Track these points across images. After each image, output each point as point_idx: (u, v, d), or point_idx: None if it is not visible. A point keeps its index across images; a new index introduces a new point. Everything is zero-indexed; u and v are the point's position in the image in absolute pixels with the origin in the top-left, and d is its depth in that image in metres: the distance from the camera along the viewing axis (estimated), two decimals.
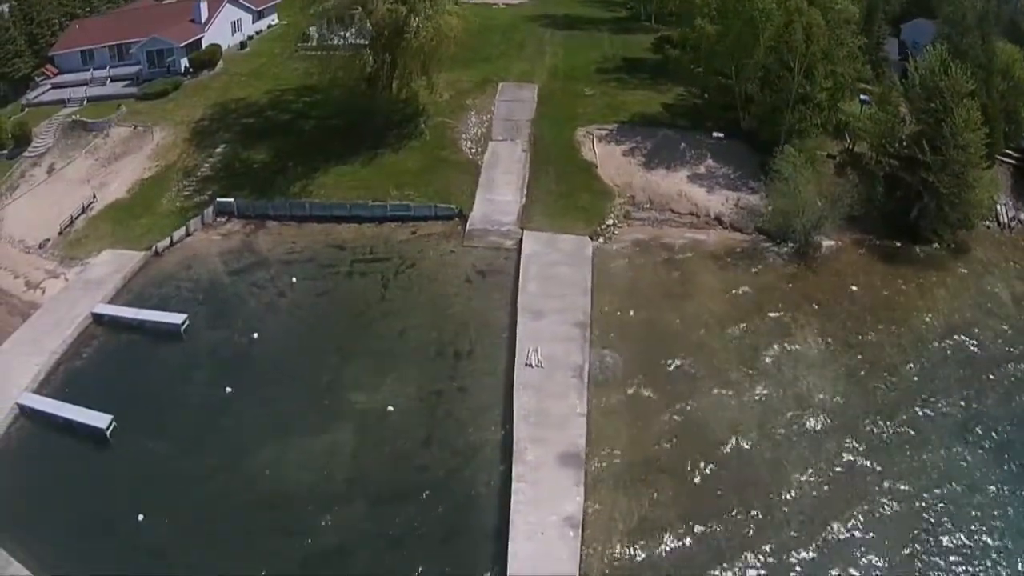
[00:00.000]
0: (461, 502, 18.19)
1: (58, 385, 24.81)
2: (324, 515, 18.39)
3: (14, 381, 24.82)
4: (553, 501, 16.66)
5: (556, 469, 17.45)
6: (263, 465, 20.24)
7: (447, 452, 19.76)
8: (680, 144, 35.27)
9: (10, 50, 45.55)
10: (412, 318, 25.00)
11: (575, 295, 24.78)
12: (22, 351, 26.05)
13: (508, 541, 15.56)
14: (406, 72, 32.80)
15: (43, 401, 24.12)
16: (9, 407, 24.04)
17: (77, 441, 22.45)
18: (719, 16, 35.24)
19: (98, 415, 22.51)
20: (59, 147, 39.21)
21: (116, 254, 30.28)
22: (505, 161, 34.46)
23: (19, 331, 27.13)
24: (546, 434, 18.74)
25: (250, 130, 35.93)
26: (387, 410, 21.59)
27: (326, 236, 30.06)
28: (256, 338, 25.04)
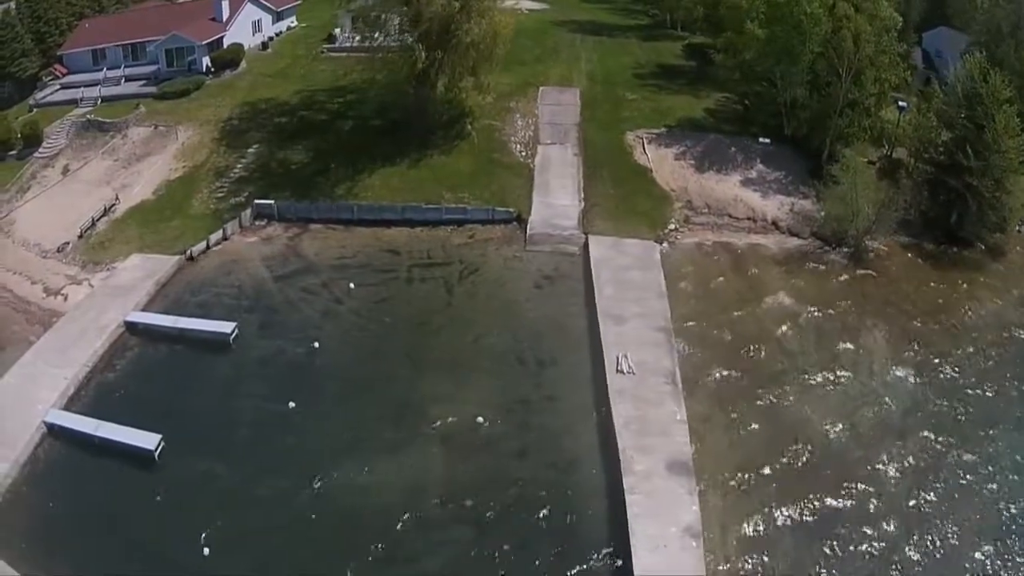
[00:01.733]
0: (571, 518, 16.78)
1: (90, 401, 22.45)
2: (425, 539, 16.74)
3: (39, 397, 22.36)
4: (669, 511, 15.86)
5: (667, 478, 16.63)
6: (343, 486, 18.32)
7: (546, 465, 18.31)
8: (730, 149, 35.07)
9: (17, 49, 43.12)
10: (484, 325, 23.56)
11: (652, 299, 24.08)
12: (47, 363, 23.57)
13: (632, 557, 14.66)
14: (455, 71, 31.44)
15: (75, 419, 21.69)
16: (35, 425, 21.54)
17: (120, 463, 20.07)
18: (766, 21, 35.38)
19: (145, 435, 20.14)
20: (73, 147, 36.90)
21: (146, 258, 28.01)
22: (557, 165, 33.64)
23: (41, 341, 24.65)
24: (650, 442, 17.66)
25: (284, 130, 34.22)
26: (477, 422, 19.84)
27: (377, 240, 28.34)
28: (317, 347, 23.02)
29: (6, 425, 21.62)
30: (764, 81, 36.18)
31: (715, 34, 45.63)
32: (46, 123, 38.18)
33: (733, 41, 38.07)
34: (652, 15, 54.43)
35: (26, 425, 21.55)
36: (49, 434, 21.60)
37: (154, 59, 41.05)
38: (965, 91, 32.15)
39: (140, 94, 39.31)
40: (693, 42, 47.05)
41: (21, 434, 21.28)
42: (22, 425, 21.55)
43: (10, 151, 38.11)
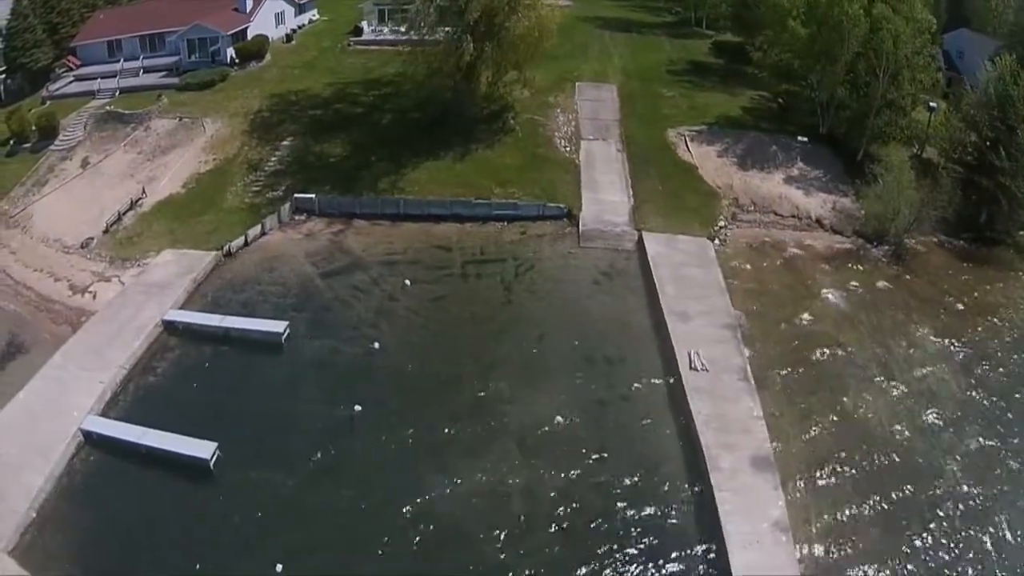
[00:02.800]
0: (660, 518, 16.30)
1: (130, 406, 20.71)
2: (512, 546, 15.70)
3: (73, 402, 20.59)
4: (758, 507, 15.86)
5: (752, 475, 16.55)
6: (419, 494, 17.06)
7: (630, 465, 17.61)
8: (771, 147, 34.69)
9: (29, 39, 41.21)
10: (547, 323, 22.54)
11: (713, 297, 23.65)
12: (79, 366, 21.87)
13: (728, 554, 14.67)
14: (501, 65, 30.42)
15: (116, 426, 19.93)
16: (70, 434, 19.75)
17: (170, 474, 18.34)
18: (808, 21, 35.23)
19: (199, 443, 18.41)
20: (91, 140, 35.10)
21: (179, 254, 26.35)
22: (602, 161, 32.80)
23: (71, 342, 22.93)
24: (732, 439, 17.40)
25: (319, 123, 32.73)
26: (556, 422, 18.78)
27: (426, 236, 27.00)
28: (377, 348, 21.55)
29: (38, 433, 19.86)
30: (803, 80, 36.32)
31: (744, 32, 45.61)
32: (62, 115, 36.58)
33: (773, 40, 38.11)
34: (675, 12, 54.16)
35: (60, 433, 19.76)
36: (86, 443, 19.83)
37: (174, 50, 39.54)
38: (997, 93, 32.11)
39: (160, 85, 37.70)
40: (719, 40, 46.61)
41: (55, 443, 19.50)
42: (56, 433, 19.78)
43: (24, 143, 36.24)
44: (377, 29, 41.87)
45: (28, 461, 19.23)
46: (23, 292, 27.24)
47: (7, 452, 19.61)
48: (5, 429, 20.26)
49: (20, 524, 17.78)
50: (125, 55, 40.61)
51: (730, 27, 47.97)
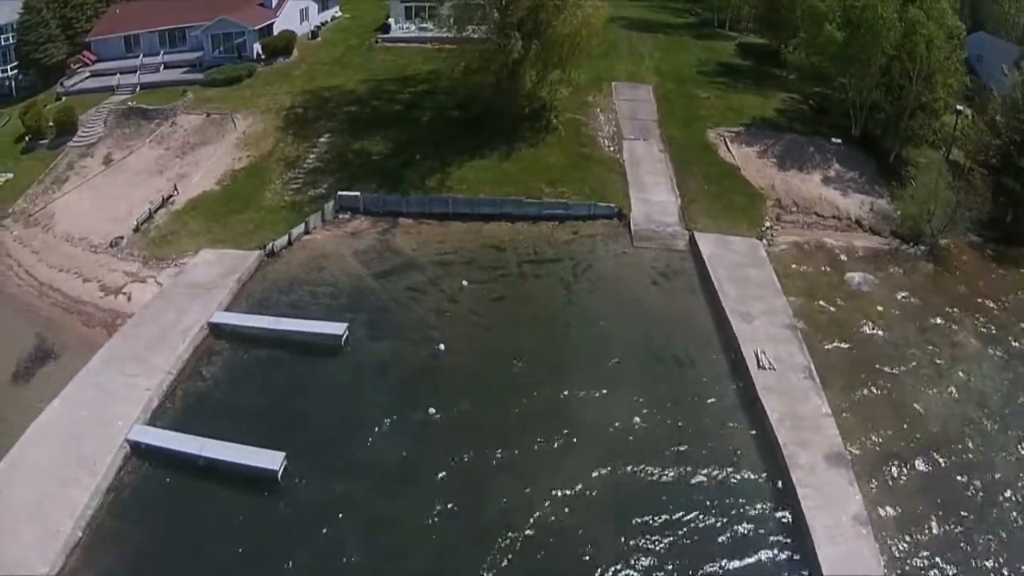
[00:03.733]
0: (745, 514, 16.27)
1: (179, 415, 19.31)
2: (604, 547, 15.25)
3: (117, 411, 19.14)
4: (838, 503, 16.22)
5: (828, 470, 16.90)
6: (500, 499, 16.34)
7: (710, 463, 17.41)
8: (807, 148, 34.53)
9: (43, 34, 39.85)
10: (611, 323, 21.79)
11: (771, 297, 23.51)
12: (120, 371, 20.40)
13: (816, 548, 14.99)
14: (547, 64, 29.66)
15: (166, 436, 18.47)
16: (116, 445, 18.27)
17: (232, 487, 17.01)
18: (844, 24, 35.38)
19: (266, 453, 17.03)
20: (113, 136, 33.67)
21: (219, 254, 25.00)
22: (646, 161, 32.16)
23: (109, 347, 21.46)
24: (806, 436, 17.65)
25: (356, 120, 31.58)
26: (633, 423, 18.22)
27: (476, 235, 26.03)
28: (442, 350, 20.46)
29: (80, 445, 18.39)
30: (836, 83, 36.36)
31: (771, 34, 45.54)
32: (79, 111, 34.91)
33: (809, 43, 38.18)
34: (696, 13, 53.98)
35: (105, 445, 18.31)
36: (133, 454, 18.35)
37: (196, 45, 38.22)
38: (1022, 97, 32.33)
39: (183, 81, 36.38)
40: (744, 41, 46.47)
41: (100, 456, 18.06)
42: (100, 445, 18.32)
43: (41, 140, 34.73)
44: (405, 26, 41.17)
45: (71, 475, 17.76)
46: (49, 293, 25.68)
47: (46, 466, 18.09)
48: (42, 441, 18.78)
49: (66, 544, 16.30)
50: (144, 50, 39.31)
51: (755, 29, 48.09)
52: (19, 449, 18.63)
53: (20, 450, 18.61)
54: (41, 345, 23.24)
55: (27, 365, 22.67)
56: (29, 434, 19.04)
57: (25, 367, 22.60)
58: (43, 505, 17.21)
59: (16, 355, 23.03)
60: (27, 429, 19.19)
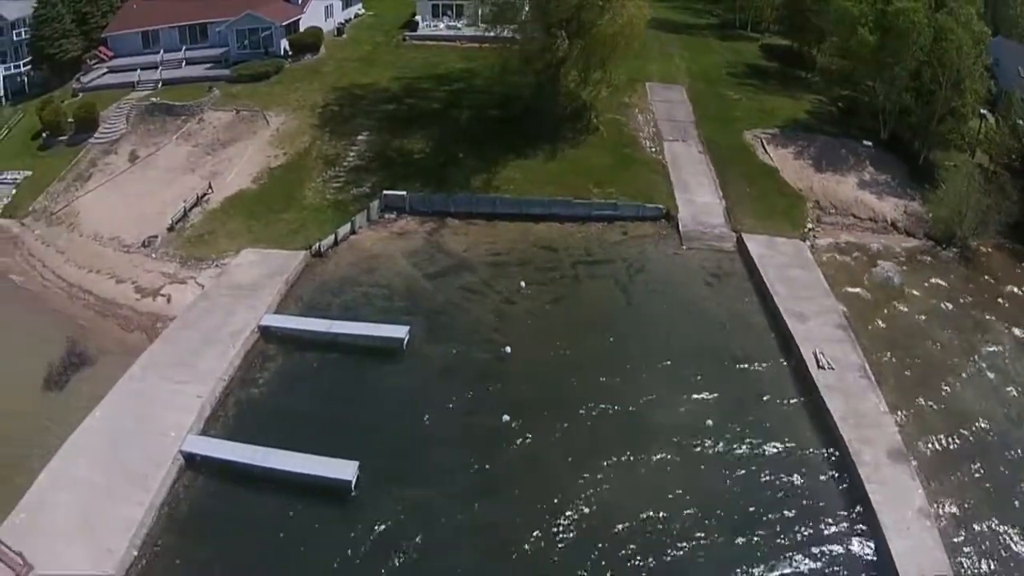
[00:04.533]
0: (817, 509, 16.42)
1: (232, 423, 18.16)
2: (685, 545, 15.25)
3: (168, 420, 17.90)
4: (903, 497, 16.68)
5: (891, 466, 17.37)
6: (585, 508, 15.80)
7: (779, 462, 17.50)
8: (841, 151, 34.32)
9: (58, 29, 38.62)
10: (670, 324, 21.44)
11: (820, 297, 23.51)
12: (166, 378, 19.14)
13: (887, 542, 15.45)
14: (591, 63, 29.03)
15: (224, 447, 17.28)
16: (170, 457, 17.04)
17: (298, 499, 15.85)
18: (875, 29, 35.40)
19: (338, 463, 15.91)
20: (137, 132, 32.32)
21: (262, 254, 23.87)
22: (687, 162, 31.68)
23: (151, 352, 20.19)
24: (868, 433, 18.09)
25: (394, 118, 30.58)
26: (706, 424, 18.01)
27: (526, 236, 25.29)
28: (508, 352, 19.61)
29: (128, 457, 17.13)
30: (869, 85, 36.35)
31: (796, 36, 45.14)
32: (99, 107, 33.79)
33: (841, 46, 38.16)
34: (716, 14, 53.73)
35: (157, 457, 17.07)
36: (188, 466, 17.16)
37: (220, 41, 36.99)
38: None
39: (207, 77, 35.10)
40: (766, 43, 46.19)
41: (153, 469, 16.81)
42: (151, 457, 17.09)
43: (60, 136, 33.40)
44: (432, 24, 40.40)
45: (121, 490, 16.49)
46: (80, 295, 24.38)
47: (92, 480, 16.82)
48: (84, 452, 17.49)
49: (120, 565, 15.04)
50: (164, 46, 38.19)
51: (778, 31, 47.98)
52: (59, 462, 17.32)
53: (60, 463, 17.30)
54: (74, 350, 21.90)
55: (59, 371, 21.29)
56: (69, 445, 17.73)
57: (58, 373, 21.21)
58: (91, 522, 15.93)
59: (46, 360, 21.61)
60: (66, 440, 17.89)
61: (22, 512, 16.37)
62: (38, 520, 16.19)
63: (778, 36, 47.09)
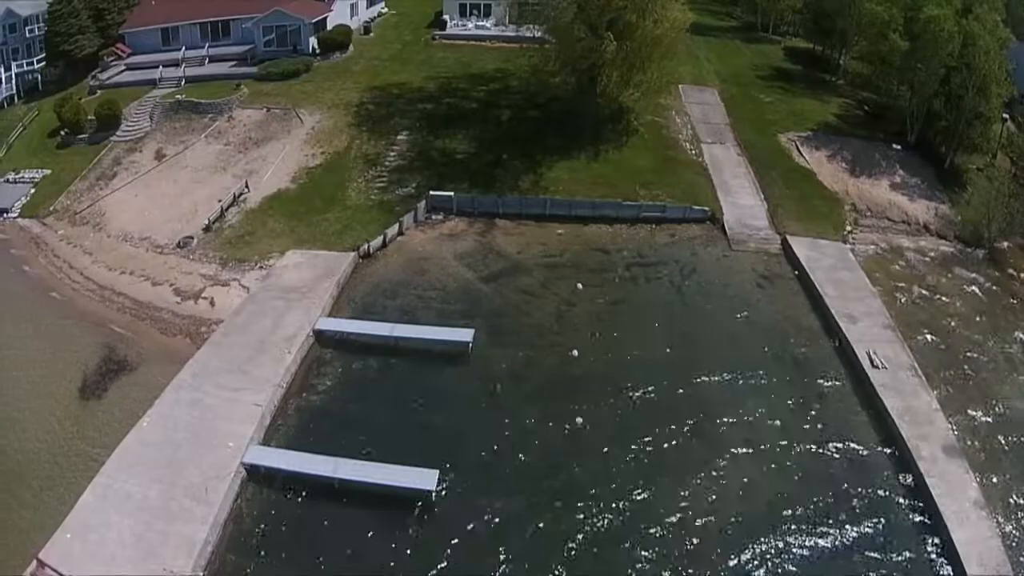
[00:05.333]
0: (883, 502, 16.80)
1: (294, 432, 17.07)
2: (761, 541, 15.35)
3: (226, 430, 16.82)
4: (959, 489, 17.35)
5: (947, 461, 18.01)
6: (667, 514, 15.54)
7: (843, 458, 17.71)
8: (873, 154, 34.40)
9: (73, 25, 37.34)
10: (729, 324, 21.29)
11: (868, 299, 23.77)
12: (218, 385, 18.06)
13: (950, 532, 16.15)
14: (634, 66, 28.38)
15: (291, 458, 16.18)
16: (231, 470, 15.94)
17: (374, 511, 14.93)
18: (906, 34, 35.51)
19: (419, 472, 15.00)
20: (163, 130, 31.23)
21: (309, 255, 22.86)
22: (727, 164, 31.30)
23: (200, 358, 18.98)
24: (923, 431, 18.58)
25: (433, 118, 29.80)
26: (773, 424, 18.03)
27: (577, 237, 24.74)
28: (576, 355, 18.98)
29: (184, 471, 16.04)
30: (897, 89, 36.46)
31: (820, 40, 44.56)
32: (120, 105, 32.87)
33: (871, 51, 38.29)
34: (737, 16, 53.73)
35: (217, 469, 15.98)
36: (250, 479, 16.07)
37: (243, 38, 36.07)
38: None
39: (233, 75, 34.13)
40: (789, 45, 46.20)
41: (212, 482, 15.73)
42: (210, 470, 16.01)
43: (80, 135, 32.21)
44: (461, 23, 39.83)
45: (178, 506, 15.40)
46: (113, 298, 23.13)
47: (145, 496, 15.66)
48: (134, 466, 16.30)
49: None
50: (185, 43, 37.22)
51: (801, 33, 47.84)
52: (106, 477, 16.13)
53: (107, 478, 16.11)
54: (111, 356, 20.74)
55: (96, 379, 20.10)
56: (116, 459, 16.55)
57: (94, 381, 20.03)
58: (148, 543, 14.76)
59: (81, 367, 20.50)
60: (112, 453, 16.74)
61: (68, 531, 15.18)
62: (88, 540, 15.01)
63: (800, 39, 47.20)
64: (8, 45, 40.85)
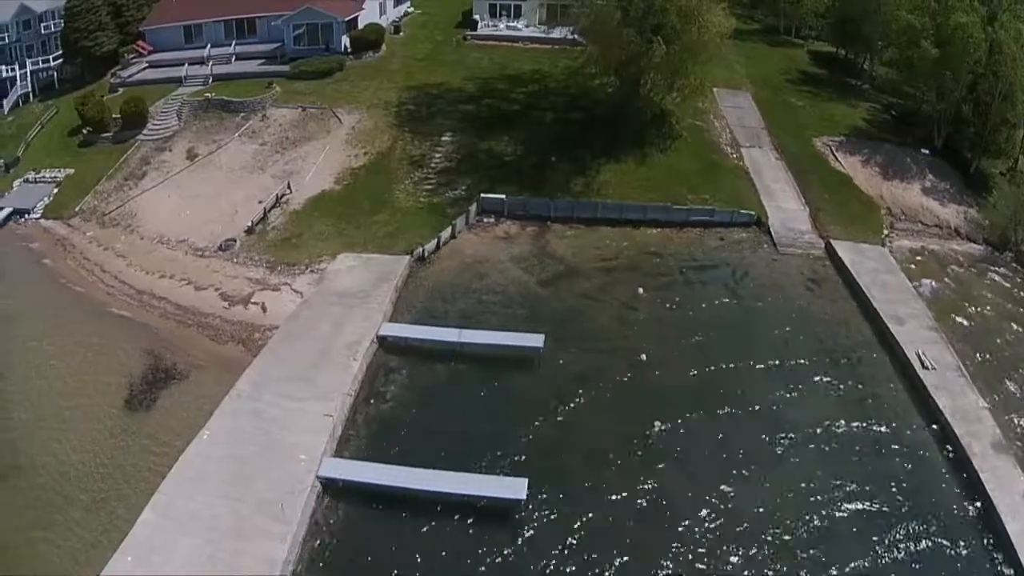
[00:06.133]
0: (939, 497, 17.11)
1: (366, 443, 16.30)
2: (837, 536, 15.66)
3: (294, 442, 15.93)
4: (1010, 484, 17.73)
5: (996, 456, 18.50)
6: (749, 505, 15.73)
7: (901, 456, 17.94)
8: (904, 159, 34.48)
9: (93, 21, 36.10)
10: (785, 326, 21.40)
11: (911, 300, 24.13)
12: (284, 395, 17.15)
13: (1004, 522, 16.67)
14: (679, 70, 28.13)
15: (369, 470, 15.35)
16: (307, 483, 15.04)
17: (459, 523, 14.25)
18: (936, 42, 35.74)
19: (508, 481, 14.45)
20: (192, 129, 30.18)
21: (362, 259, 22.04)
22: (766, 168, 31.14)
23: (259, 366, 18.11)
24: (973, 428, 19.14)
25: (475, 119, 29.12)
26: (834, 423, 18.22)
27: (629, 241, 24.40)
28: (644, 359, 18.75)
29: (254, 486, 15.15)
30: (925, 95, 36.69)
31: (845, 44, 44.28)
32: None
33: (901, 58, 38.56)
34: (758, 19, 53.08)
35: (291, 484, 15.09)
36: (326, 493, 15.24)
37: (269, 36, 34.89)
38: None
39: (262, 73, 33.06)
40: (812, 49, 45.86)
41: (288, 498, 14.83)
42: (284, 484, 15.10)
43: (103, 133, 31.11)
44: (492, 24, 39.00)
45: (253, 524, 14.46)
46: (153, 303, 22.09)
47: (213, 513, 14.70)
48: (198, 482, 15.35)
49: None
50: (208, 40, 36.25)
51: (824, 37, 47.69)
52: (166, 495, 15.15)
53: (168, 496, 15.13)
54: (157, 363, 19.62)
55: (143, 388, 19.03)
56: (176, 474, 15.60)
57: (141, 390, 18.95)
58: (222, 564, 13.82)
59: (125, 376, 19.39)
60: (170, 469, 15.77)
61: (128, 554, 14.20)
62: (152, 562, 14.03)
63: (822, 42, 46.87)
64: (22, 42, 39.63)
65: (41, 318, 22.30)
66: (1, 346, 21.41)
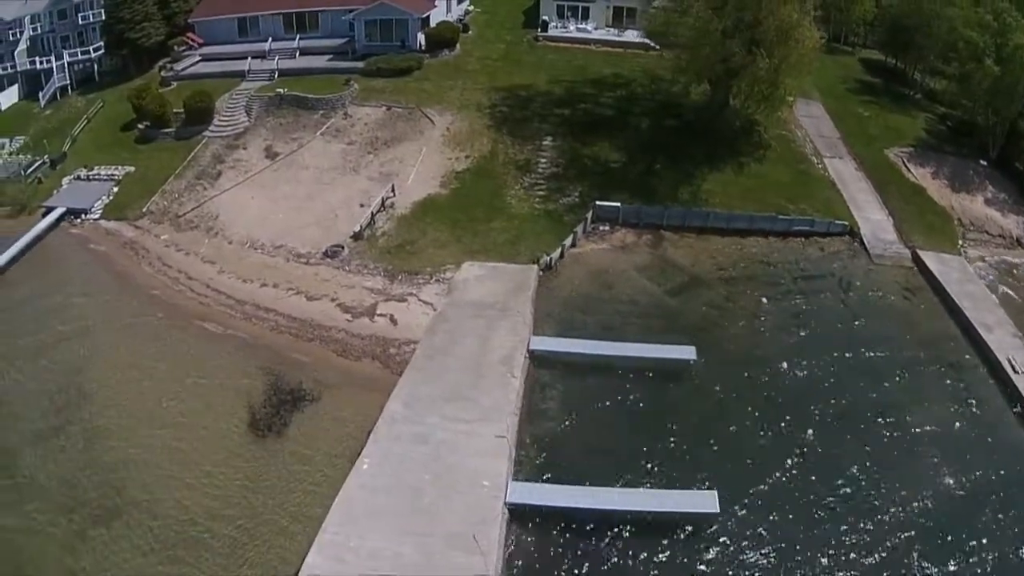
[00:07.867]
0: None
1: (540, 462, 15.18)
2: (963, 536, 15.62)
3: (473, 466, 14.64)
4: None
5: None
6: (886, 504, 15.70)
7: (1005, 453, 18.08)
8: (967, 170, 34.88)
9: (139, 11, 33.91)
10: (894, 333, 21.69)
11: (995, 309, 24.54)
12: (450, 416, 15.66)
13: None
14: (773, 80, 27.32)
15: (558, 493, 14.27)
16: (497, 511, 13.80)
17: (657, 539, 13.52)
18: (997, 60, 36.35)
19: (698, 494, 14.04)
20: (266, 126, 28.48)
21: (488, 268, 20.83)
22: (849, 179, 31.07)
23: (407, 384, 16.57)
24: None
25: (573, 123, 28.01)
26: (953, 427, 18.45)
27: (740, 250, 24.00)
28: (785, 368, 18.54)
29: (444, 519, 13.75)
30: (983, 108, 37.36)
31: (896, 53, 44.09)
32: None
33: (962, 73, 39.12)
34: None
35: (478, 513, 13.82)
36: (514, 520, 14.07)
37: (335, 30, 33.21)
38: None
39: (330, 69, 31.47)
40: (862, 57, 45.93)
41: (478, 528, 13.53)
42: (474, 515, 13.79)
43: (164, 129, 29.21)
44: (562, 25, 37.91)
45: (448, 561, 13.07)
46: (260, 315, 20.31)
47: (395, 551, 13.16)
48: (369, 516, 13.82)
49: None
50: (267, 34, 34.33)
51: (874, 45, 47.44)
52: (332, 534, 13.44)
53: (335, 535, 13.44)
54: (279, 383, 17.96)
55: (268, 411, 17.35)
56: (340, 511, 13.92)
57: (266, 414, 17.26)
58: None
59: (243, 397, 17.70)
60: (332, 504, 14.06)
61: None
62: None
63: (870, 50, 46.72)
64: (56, 32, 37.31)
65: (127, 332, 20.28)
66: (88, 363, 19.12)
